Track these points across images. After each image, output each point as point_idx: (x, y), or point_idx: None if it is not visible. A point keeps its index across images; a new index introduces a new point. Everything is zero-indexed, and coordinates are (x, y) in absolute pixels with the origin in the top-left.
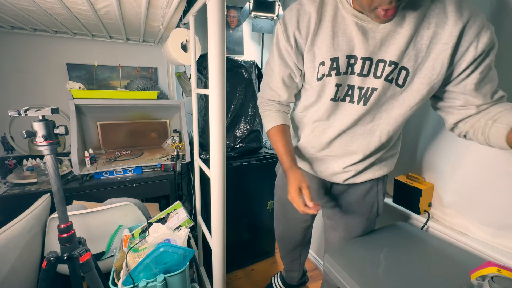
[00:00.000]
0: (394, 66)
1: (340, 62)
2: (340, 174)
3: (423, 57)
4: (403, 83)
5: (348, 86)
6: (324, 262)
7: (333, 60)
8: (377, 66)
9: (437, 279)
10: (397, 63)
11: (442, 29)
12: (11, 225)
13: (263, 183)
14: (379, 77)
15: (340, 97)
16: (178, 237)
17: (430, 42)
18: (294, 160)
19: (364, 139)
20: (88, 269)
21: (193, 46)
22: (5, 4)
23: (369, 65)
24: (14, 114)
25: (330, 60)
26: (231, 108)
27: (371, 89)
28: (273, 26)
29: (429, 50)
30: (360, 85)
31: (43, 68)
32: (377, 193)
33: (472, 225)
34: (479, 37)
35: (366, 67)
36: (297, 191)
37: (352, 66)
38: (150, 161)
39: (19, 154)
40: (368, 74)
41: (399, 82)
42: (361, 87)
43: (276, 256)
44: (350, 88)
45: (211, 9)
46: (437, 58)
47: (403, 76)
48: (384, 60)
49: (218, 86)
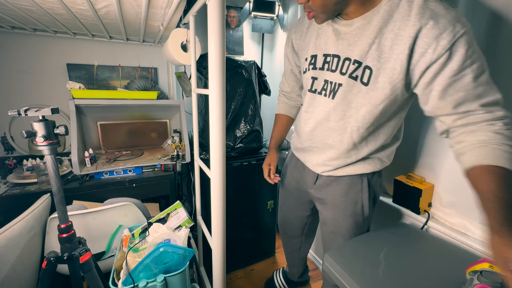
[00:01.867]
0: (358, 65)
1: (318, 59)
2: (322, 166)
3: (385, 58)
4: (368, 81)
5: (324, 81)
6: (324, 262)
7: (312, 57)
8: (343, 64)
9: (437, 278)
10: (360, 62)
11: (404, 31)
12: (11, 225)
13: (263, 183)
14: (344, 73)
15: (318, 90)
16: (178, 237)
17: (392, 43)
18: (276, 144)
19: (338, 135)
20: (88, 269)
21: (193, 46)
22: (5, 4)
23: (337, 61)
24: (14, 114)
25: (310, 57)
26: (231, 108)
27: (338, 84)
28: (273, 26)
29: (391, 51)
30: (330, 79)
31: (43, 68)
32: (361, 190)
33: (472, 225)
34: (439, 40)
35: (335, 63)
36: (267, 165)
37: (328, 63)
38: (150, 161)
39: (19, 154)
40: (335, 70)
41: (364, 80)
42: (331, 81)
43: (276, 256)
44: (325, 83)
45: (211, 9)
46: (397, 59)
47: (368, 74)
48: (349, 58)
49: (218, 86)
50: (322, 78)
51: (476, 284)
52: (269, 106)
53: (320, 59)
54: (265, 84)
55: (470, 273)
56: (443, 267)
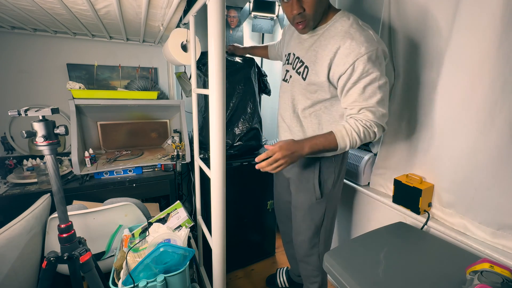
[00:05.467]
0: (301, 64)
1: (291, 56)
2: None
3: (316, 61)
4: (305, 77)
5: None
6: (324, 262)
7: (289, 54)
8: (294, 60)
9: (437, 278)
10: (303, 62)
11: (331, 45)
12: (11, 225)
13: (263, 183)
14: (294, 68)
15: (287, 80)
16: (178, 237)
17: (322, 51)
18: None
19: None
20: (88, 269)
21: (193, 46)
22: (5, 4)
23: (293, 58)
24: (14, 114)
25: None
26: (230, 105)
27: (290, 75)
28: (273, 26)
29: (321, 57)
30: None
31: (43, 68)
32: (313, 171)
33: (472, 225)
34: (348, 57)
35: (294, 60)
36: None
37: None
38: (150, 161)
39: (19, 154)
40: (294, 66)
41: (303, 76)
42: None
43: (276, 256)
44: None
45: (211, 9)
46: (322, 64)
47: (306, 72)
48: (298, 57)
49: (218, 86)
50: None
51: (477, 284)
52: (269, 106)
53: (292, 57)
54: (265, 84)
55: (470, 273)
56: (443, 267)
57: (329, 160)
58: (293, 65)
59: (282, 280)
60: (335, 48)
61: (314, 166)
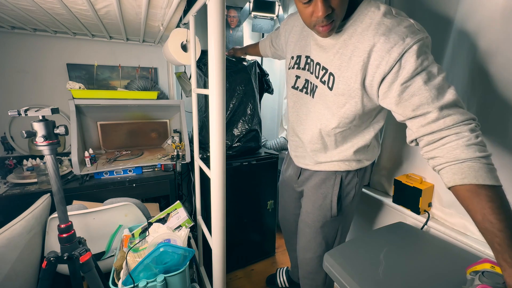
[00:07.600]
0: (325, 71)
1: (301, 59)
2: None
3: (345, 67)
4: (332, 87)
5: (305, 81)
6: (324, 262)
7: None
8: (315, 68)
9: (437, 278)
10: (326, 69)
11: (361, 44)
12: (11, 225)
13: (263, 183)
14: (317, 77)
15: (299, 88)
16: (178, 237)
17: (351, 55)
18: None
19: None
20: (88, 269)
21: (193, 46)
22: (5, 4)
23: (313, 65)
24: (14, 114)
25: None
26: (230, 106)
27: (315, 85)
28: (273, 26)
29: (350, 62)
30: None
31: (43, 68)
32: (332, 186)
33: (472, 225)
34: (390, 53)
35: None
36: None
37: (309, 64)
38: (150, 161)
39: (19, 154)
40: (313, 73)
41: (329, 85)
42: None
43: (276, 256)
44: (306, 82)
45: (211, 9)
46: (353, 69)
47: (332, 80)
48: (319, 63)
49: (218, 86)
50: (303, 77)
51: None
52: (269, 106)
53: (303, 60)
54: (267, 83)
55: (471, 273)
56: (443, 267)
57: (352, 174)
58: (315, 73)
59: (282, 280)
60: (368, 47)
61: (334, 182)
